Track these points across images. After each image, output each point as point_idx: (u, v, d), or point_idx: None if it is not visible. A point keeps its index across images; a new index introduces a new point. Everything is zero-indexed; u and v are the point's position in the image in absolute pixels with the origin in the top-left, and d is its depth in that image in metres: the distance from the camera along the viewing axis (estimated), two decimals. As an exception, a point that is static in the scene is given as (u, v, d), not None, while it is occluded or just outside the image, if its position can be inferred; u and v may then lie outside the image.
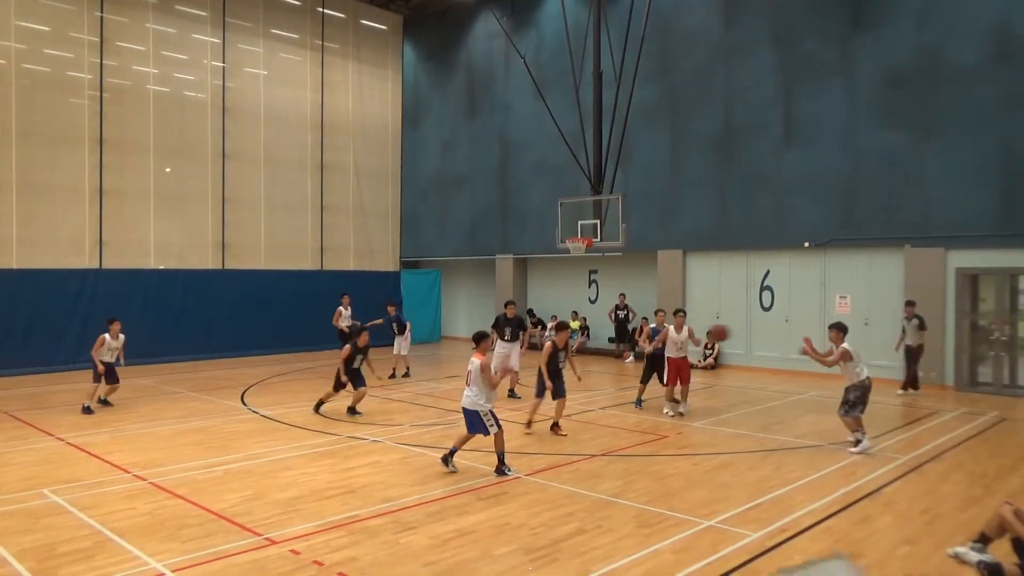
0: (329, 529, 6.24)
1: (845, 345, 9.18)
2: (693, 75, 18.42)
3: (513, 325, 12.95)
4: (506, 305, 13.33)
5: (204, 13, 20.20)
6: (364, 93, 24.26)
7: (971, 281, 14.61)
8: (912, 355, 13.90)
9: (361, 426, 10.68)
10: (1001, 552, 5.31)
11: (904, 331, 14.02)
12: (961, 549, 5.54)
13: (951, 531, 6.25)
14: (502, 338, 12.92)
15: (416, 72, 25.70)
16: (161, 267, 19.09)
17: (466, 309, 25.68)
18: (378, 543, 5.92)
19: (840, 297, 16.16)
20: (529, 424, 10.24)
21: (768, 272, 17.36)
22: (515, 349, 12.92)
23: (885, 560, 5.60)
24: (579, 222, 16.84)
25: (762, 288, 17.47)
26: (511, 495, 7.27)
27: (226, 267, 20.37)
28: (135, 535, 6.07)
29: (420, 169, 25.41)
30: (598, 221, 16.43)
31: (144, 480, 7.80)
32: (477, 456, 8.66)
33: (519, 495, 7.27)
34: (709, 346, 17.63)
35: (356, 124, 23.93)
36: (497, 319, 13.38)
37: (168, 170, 19.42)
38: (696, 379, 15.67)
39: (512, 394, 13.01)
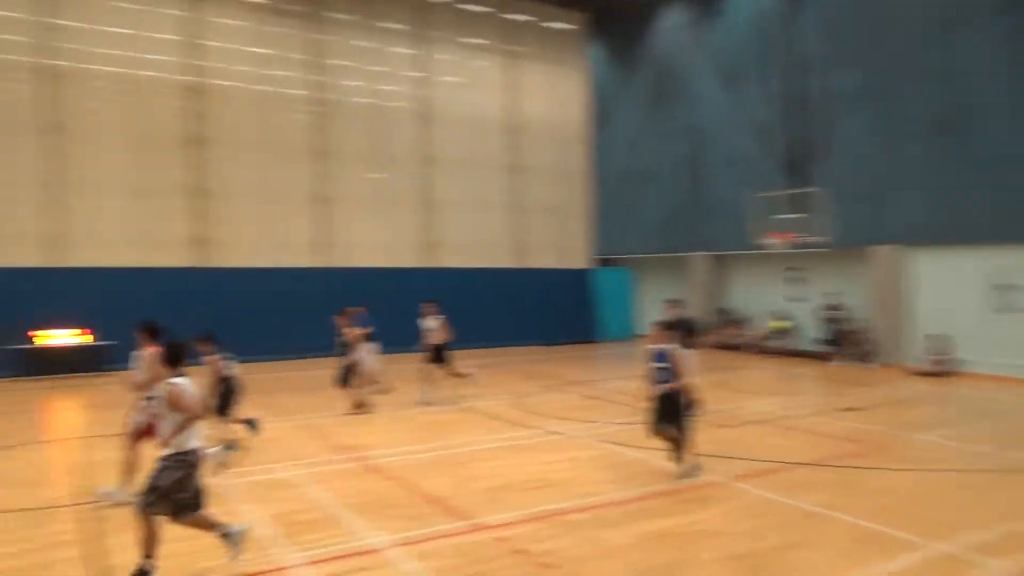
0: (531, 520, 6.46)
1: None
2: (902, 53, 16.55)
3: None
4: None
5: (402, 27, 21.77)
6: (552, 93, 24.77)
7: None
8: None
9: (560, 421, 10.91)
10: None
11: None
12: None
13: None
14: None
15: (602, 69, 25.69)
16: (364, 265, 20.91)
17: (657, 306, 25.26)
18: (580, 537, 6.02)
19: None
20: None
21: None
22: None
23: None
24: (778, 216, 15.97)
25: (1005, 287, 15.24)
26: (715, 499, 7.07)
27: (429, 265, 21.87)
28: (356, 511, 6.68)
29: (609, 166, 25.39)
30: (800, 215, 15.49)
31: (364, 461, 8.56)
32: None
33: (721, 500, 7.05)
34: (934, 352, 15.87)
35: (544, 124, 24.49)
36: None
37: (375, 177, 21.21)
38: (921, 388, 14.23)
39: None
